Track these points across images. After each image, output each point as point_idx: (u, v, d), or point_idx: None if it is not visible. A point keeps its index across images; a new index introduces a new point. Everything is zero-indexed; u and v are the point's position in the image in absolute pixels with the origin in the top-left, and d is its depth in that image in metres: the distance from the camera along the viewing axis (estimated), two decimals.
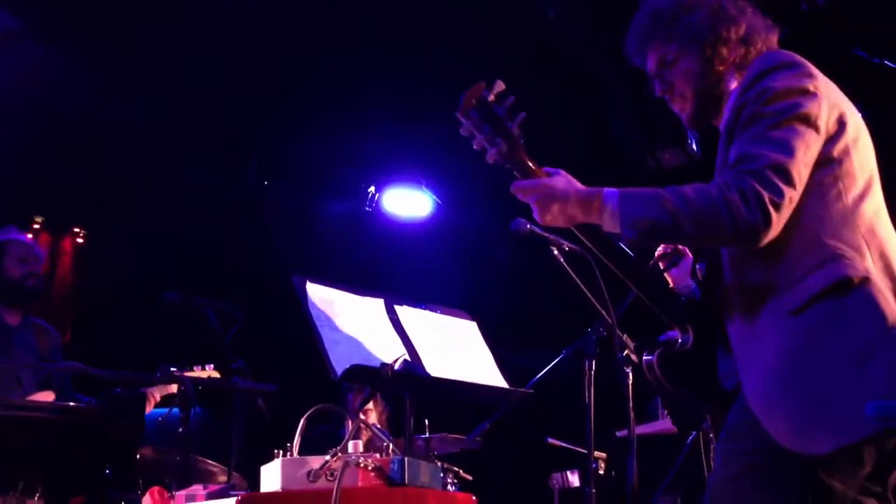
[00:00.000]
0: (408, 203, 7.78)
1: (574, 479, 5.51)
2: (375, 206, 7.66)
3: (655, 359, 2.31)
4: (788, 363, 2.04)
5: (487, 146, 2.24)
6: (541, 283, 5.73)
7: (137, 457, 4.19)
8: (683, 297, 2.40)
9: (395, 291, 3.23)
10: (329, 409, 2.94)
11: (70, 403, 4.29)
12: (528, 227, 3.93)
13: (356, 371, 2.71)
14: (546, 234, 3.98)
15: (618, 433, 4.49)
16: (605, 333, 3.84)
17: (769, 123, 2.09)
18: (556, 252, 3.97)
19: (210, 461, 4.54)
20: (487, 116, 2.21)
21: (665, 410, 4.73)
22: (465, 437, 4.75)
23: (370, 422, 5.45)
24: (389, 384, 2.73)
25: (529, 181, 2.24)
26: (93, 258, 7.33)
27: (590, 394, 3.78)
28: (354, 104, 6.46)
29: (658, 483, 4.54)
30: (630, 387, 3.82)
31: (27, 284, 4.66)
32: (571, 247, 3.98)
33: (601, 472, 4.94)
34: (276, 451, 2.64)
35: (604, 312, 3.80)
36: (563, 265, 3.96)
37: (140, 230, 6.97)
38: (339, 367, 2.71)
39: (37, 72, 5.84)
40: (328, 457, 2.56)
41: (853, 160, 2.16)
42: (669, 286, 2.79)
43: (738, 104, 2.17)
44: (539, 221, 2.26)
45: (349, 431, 2.68)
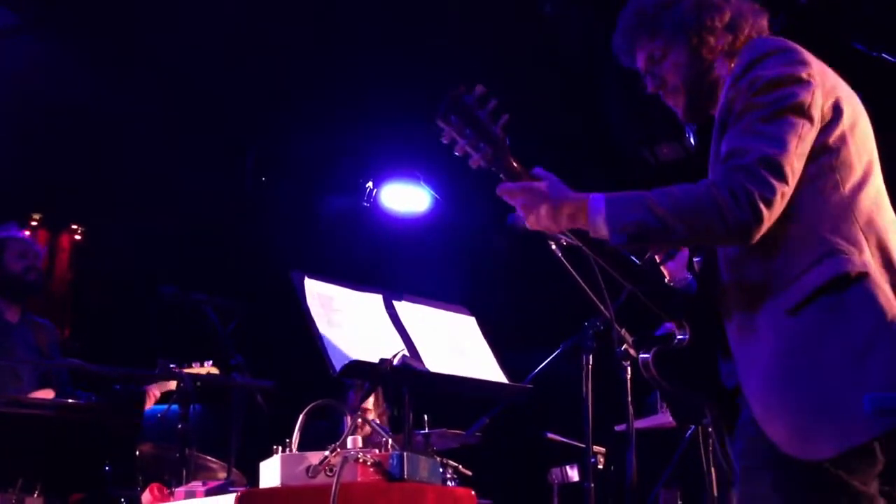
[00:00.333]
0: (406, 198, 7.77)
1: (573, 474, 5.52)
2: (374, 202, 7.66)
3: (651, 358, 2.26)
4: (786, 365, 1.99)
5: (471, 151, 2.22)
6: (539, 278, 5.73)
7: (137, 453, 4.20)
8: (680, 293, 2.36)
9: (394, 287, 3.23)
10: (328, 405, 2.94)
11: (69, 400, 4.29)
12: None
13: (355, 367, 2.71)
14: None
15: (616, 428, 4.50)
16: (603, 328, 3.85)
17: (761, 115, 2.05)
18: (554, 246, 3.98)
19: (209, 457, 4.54)
20: (469, 120, 2.17)
21: (664, 404, 4.74)
22: (465, 433, 4.76)
23: (369, 418, 5.45)
24: (388, 379, 2.73)
25: (516, 184, 2.22)
26: (91, 255, 7.32)
27: (588, 388, 3.79)
28: (352, 100, 6.46)
29: (657, 477, 4.54)
30: (628, 381, 3.83)
31: (28, 279, 4.67)
32: (569, 241, 3.98)
33: (600, 467, 4.94)
34: (276, 447, 2.64)
35: (602, 307, 3.80)
36: (561, 259, 3.96)
37: (138, 226, 6.96)
38: (338, 363, 2.71)
39: (34, 68, 5.83)
40: (327, 452, 2.56)
41: (850, 148, 2.10)
42: (665, 281, 2.76)
43: (730, 95, 2.13)
44: (526, 225, 2.24)
45: (348, 427, 2.68)
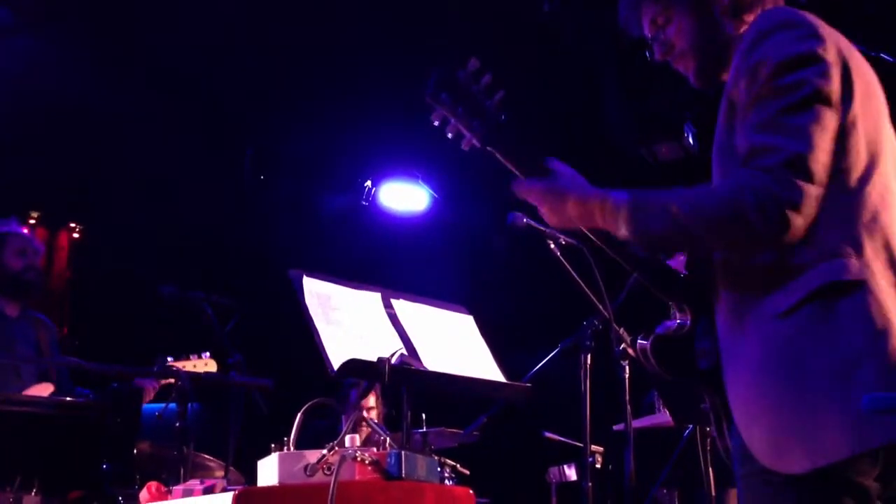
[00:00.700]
0: (404, 197, 7.78)
1: (571, 473, 5.51)
2: (372, 201, 7.66)
3: (650, 344, 2.19)
4: (770, 371, 1.88)
5: (464, 131, 2.09)
6: (538, 277, 5.73)
7: (135, 452, 4.20)
8: (684, 278, 2.23)
9: (392, 285, 3.23)
10: (326, 404, 2.94)
11: (67, 398, 4.29)
12: (525, 221, 3.93)
13: (353, 365, 2.71)
14: (542, 228, 3.98)
15: (614, 427, 4.50)
16: (602, 327, 3.84)
17: (780, 106, 1.88)
18: (553, 246, 3.98)
19: (207, 456, 4.54)
20: (461, 97, 2.03)
21: (662, 404, 4.74)
22: (463, 432, 4.76)
23: (369, 418, 5.45)
24: (386, 378, 2.73)
25: (534, 184, 2.10)
26: (89, 253, 7.32)
27: (586, 387, 3.79)
28: (351, 99, 6.46)
29: (655, 477, 4.54)
30: (627, 380, 3.83)
31: (27, 277, 4.66)
32: (568, 240, 3.98)
33: (598, 466, 4.94)
34: (274, 446, 2.64)
35: (600, 306, 3.80)
36: (560, 259, 3.96)
37: (136, 225, 6.96)
38: (336, 362, 2.70)
39: (32, 66, 5.82)
40: (325, 451, 2.56)
41: (859, 131, 1.93)
42: (668, 265, 2.68)
43: (739, 72, 1.98)
44: (547, 223, 2.14)
45: (346, 426, 2.68)
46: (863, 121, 1.94)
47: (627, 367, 3.81)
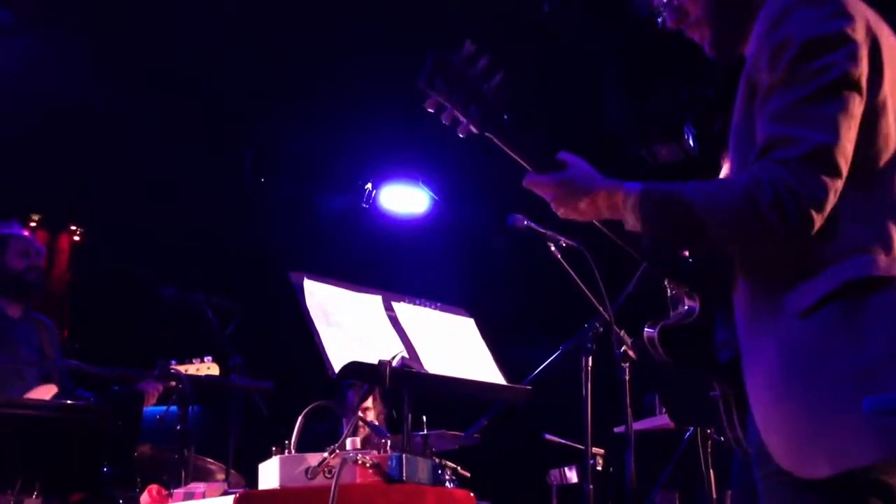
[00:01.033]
0: (405, 199, 7.78)
1: (572, 476, 5.52)
2: (373, 203, 7.67)
3: (657, 332, 2.10)
4: (791, 376, 1.77)
5: (460, 117, 1.95)
6: (538, 279, 5.73)
7: (135, 455, 4.20)
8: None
9: (393, 288, 3.23)
10: (327, 407, 2.94)
11: (67, 402, 4.29)
12: (525, 224, 3.93)
13: (354, 368, 2.71)
14: (543, 231, 3.98)
15: (615, 429, 4.49)
16: (602, 329, 3.84)
17: (804, 92, 1.73)
18: (553, 248, 3.98)
19: (208, 459, 4.54)
20: (456, 82, 1.92)
21: (662, 406, 4.74)
22: (463, 434, 4.76)
23: (368, 419, 5.45)
24: (387, 381, 2.73)
25: (546, 177, 1.98)
26: (89, 255, 7.32)
27: (587, 390, 3.79)
28: (352, 101, 6.46)
29: (656, 479, 4.54)
30: (627, 382, 3.83)
31: (29, 278, 4.67)
32: (569, 243, 3.98)
33: (599, 469, 4.95)
34: (274, 449, 2.64)
35: (601, 308, 3.80)
36: (560, 261, 3.96)
37: (137, 227, 6.96)
38: (337, 364, 2.70)
39: (32, 68, 5.82)
40: (326, 454, 2.56)
41: (889, 114, 1.79)
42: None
43: (760, 51, 1.82)
44: (559, 216, 2.03)
45: (346, 428, 2.68)
46: (893, 102, 1.81)
47: (628, 370, 3.81)
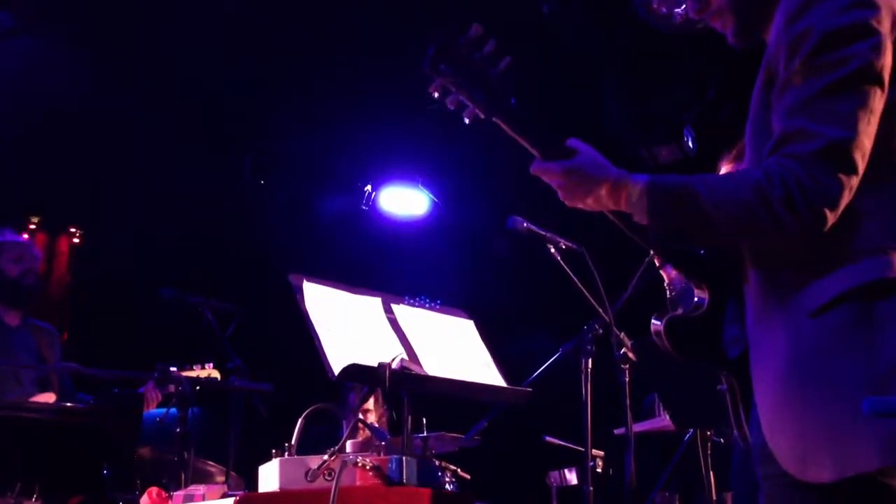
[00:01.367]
0: (404, 201, 7.78)
1: (572, 478, 5.51)
2: (372, 205, 7.67)
3: (663, 325, 2.05)
4: (799, 378, 1.72)
5: (466, 101, 1.90)
6: (538, 280, 5.73)
7: (135, 457, 4.19)
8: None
9: (393, 290, 3.23)
10: (327, 409, 2.94)
11: (67, 404, 4.29)
12: (525, 226, 3.94)
13: (353, 370, 2.71)
14: (542, 232, 3.99)
15: (615, 431, 4.49)
16: (602, 331, 3.84)
17: (822, 84, 1.67)
18: (553, 250, 3.98)
19: (208, 461, 4.54)
20: (462, 65, 1.87)
21: (663, 408, 4.74)
22: (463, 436, 4.75)
23: (368, 421, 5.44)
24: (387, 383, 2.73)
25: (554, 164, 1.92)
26: (89, 257, 7.32)
27: (587, 391, 3.79)
28: (351, 103, 6.46)
29: (656, 480, 4.54)
30: (627, 384, 3.83)
31: (25, 282, 4.66)
32: (568, 245, 3.99)
33: (599, 470, 4.94)
34: (275, 451, 2.64)
35: (600, 310, 3.80)
36: (560, 263, 3.96)
37: (136, 229, 6.96)
38: (337, 367, 2.70)
39: (32, 70, 5.83)
40: (326, 456, 2.55)
41: None
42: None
43: (780, 39, 1.76)
44: (566, 204, 1.98)
45: (346, 431, 2.68)
46: None
47: (628, 371, 3.81)
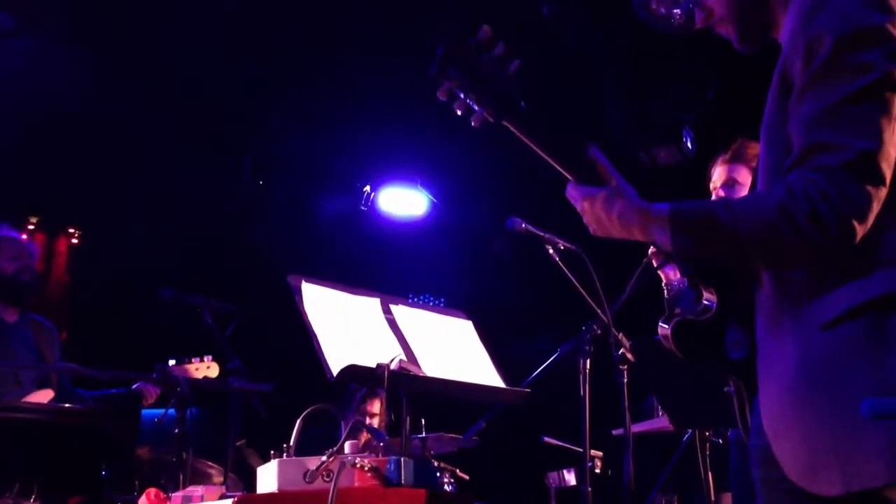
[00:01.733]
0: (404, 202, 7.79)
1: (570, 478, 5.51)
2: (371, 205, 7.67)
3: (671, 329, 2.03)
4: (809, 391, 1.69)
5: (473, 105, 1.87)
6: (537, 281, 5.73)
7: (134, 457, 4.19)
8: None
9: (392, 290, 3.23)
10: (325, 410, 2.94)
11: (66, 405, 4.29)
12: (524, 226, 3.94)
13: (352, 371, 2.71)
14: (541, 233, 3.99)
15: (614, 432, 4.50)
16: (601, 332, 3.85)
17: (842, 94, 1.63)
18: (552, 251, 3.99)
19: (207, 462, 4.54)
20: (470, 68, 1.83)
21: (661, 408, 4.74)
22: (462, 437, 4.76)
23: (370, 423, 5.44)
24: (385, 384, 2.73)
25: (579, 190, 1.93)
26: (88, 258, 7.32)
27: (585, 392, 3.79)
28: (350, 103, 6.47)
29: (654, 481, 4.54)
30: (626, 385, 3.83)
31: (22, 279, 4.66)
32: (567, 245, 3.99)
33: (597, 471, 4.95)
34: (273, 452, 2.64)
35: (599, 311, 3.80)
36: (559, 264, 3.96)
37: (136, 229, 6.97)
38: (335, 367, 2.70)
39: (31, 70, 5.83)
40: (325, 457, 2.55)
41: None
42: None
43: (795, 42, 1.72)
44: (589, 231, 1.98)
45: (345, 432, 2.68)
46: None
47: (626, 372, 3.81)
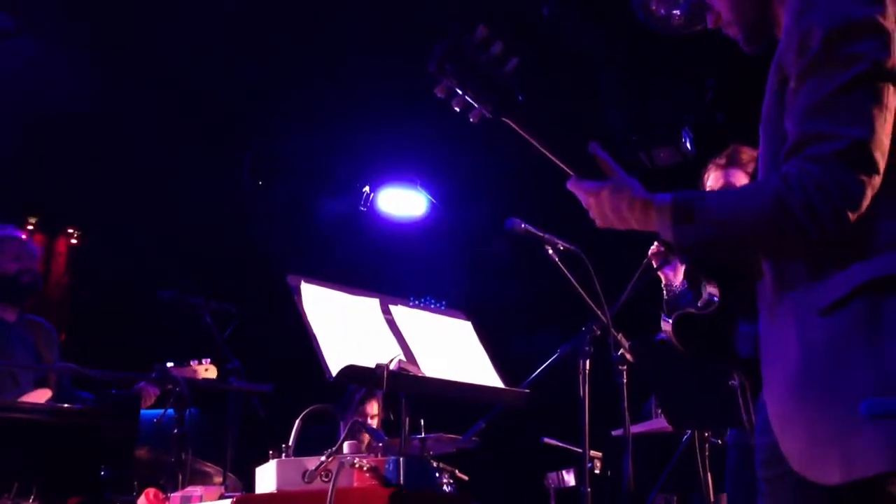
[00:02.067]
0: (403, 202, 7.79)
1: (570, 479, 5.51)
2: (371, 206, 7.67)
3: (672, 323, 2.04)
4: (809, 377, 1.71)
5: (472, 102, 1.89)
6: (537, 281, 5.74)
7: (133, 458, 4.19)
8: None
9: (391, 291, 3.23)
10: (325, 410, 2.94)
11: (65, 405, 4.28)
12: (523, 227, 3.94)
13: (351, 371, 2.71)
14: (540, 234, 3.99)
15: (613, 432, 4.50)
16: (600, 332, 3.85)
17: (834, 85, 1.66)
18: (551, 251, 3.99)
19: (206, 462, 4.54)
20: (468, 66, 1.87)
21: (659, 409, 4.74)
22: (461, 437, 4.76)
23: (369, 423, 5.44)
24: (384, 384, 2.73)
25: (584, 185, 1.96)
26: (87, 258, 7.32)
27: (585, 393, 3.79)
28: (350, 104, 6.47)
29: (653, 482, 4.54)
30: (625, 385, 3.83)
31: (23, 280, 4.66)
32: (566, 246, 3.99)
33: (597, 472, 4.95)
34: (272, 452, 2.64)
35: (598, 311, 3.80)
36: (558, 264, 3.96)
37: (135, 230, 6.96)
38: (334, 368, 2.70)
39: (31, 71, 5.83)
40: (323, 457, 2.55)
41: None
42: None
43: (790, 37, 1.75)
44: (595, 222, 2.00)
45: (344, 432, 2.68)
46: None
47: (625, 373, 3.81)
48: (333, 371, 2.68)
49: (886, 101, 1.67)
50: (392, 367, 2.74)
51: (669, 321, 2.07)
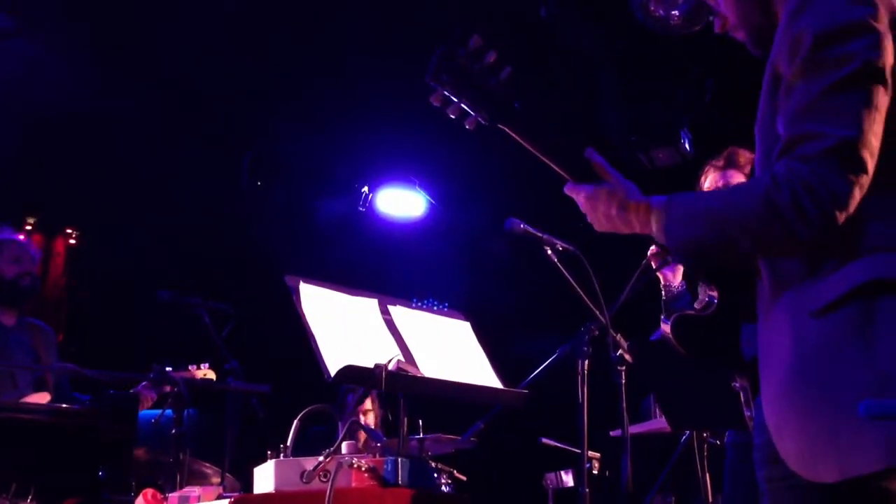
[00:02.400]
0: (402, 203, 7.79)
1: (568, 479, 5.51)
2: (369, 206, 7.67)
3: (670, 324, 2.05)
4: (803, 379, 1.72)
5: (468, 110, 1.92)
6: (536, 282, 5.74)
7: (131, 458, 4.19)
8: None
9: (390, 291, 3.23)
10: (323, 410, 2.94)
11: (63, 405, 4.28)
12: (522, 227, 3.93)
13: (350, 371, 2.71)
14: (539, 234, 3.99)
15: (612, 433, 4.50)
16: (599, 333, 3.84)
17: (824, 85, 1.67)
18: (550, 252, 3.98)
19: (204, 462, 4.54)
20: (463, 75, 1.90)
21: (658, 410, 4.75)
22: (459, 438, 4.75)
23: (366, 423, 5.44)
24: (383, 384, 2.73)
25: (580, 188, 1.99)
26: (86, 259, 7.31)
27: (583, 393, 3.79)
28: (349, 104, 6.47)
29: (652, 482, 4.54)
30: (623, 386, 3.83)
31: (22, 284, 4.66)
32: (565, 246, 3.99)
33: (595, 472, 4.95)
34: (270, 453, 2.64)
35: (597, 312, 3.80)
36: (557, 265, 3.96)
37: (133, 230, 6.96)
38: (333, 368, 2.70)
39: (29, 70, 5.82)
40: (322, 458, 2.55)
41: None
42: None
43: (783, 39, 1.77)
44: (593, 226, 2.02)
45: (342, 432, 2.68)
46: None
47: (624, 373, 3.81)
48: (332, 371, 2.68)
49: (877, 102, 1.67)
50: (391, 368, 2.74)
51: (668, 322, 2.08)
